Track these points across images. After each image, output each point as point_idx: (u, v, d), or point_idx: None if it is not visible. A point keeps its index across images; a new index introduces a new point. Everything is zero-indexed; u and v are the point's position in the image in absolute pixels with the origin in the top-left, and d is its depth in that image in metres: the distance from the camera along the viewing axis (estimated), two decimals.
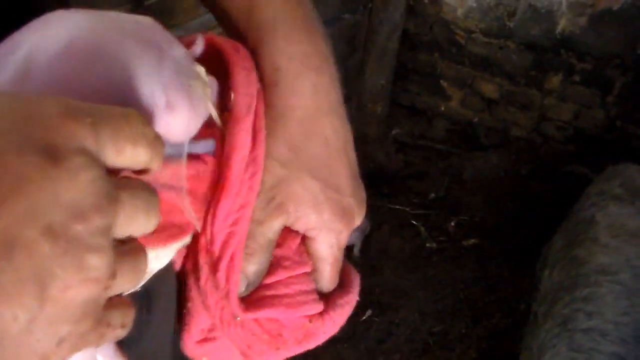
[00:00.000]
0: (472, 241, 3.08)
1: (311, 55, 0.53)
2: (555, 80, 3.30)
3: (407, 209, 3.21)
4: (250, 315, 0.54)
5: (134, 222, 0.34)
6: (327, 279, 0.57)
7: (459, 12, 3.39)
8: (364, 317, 2.69)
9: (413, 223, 3.13)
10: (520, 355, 2.13)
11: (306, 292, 0.56)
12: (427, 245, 3.04)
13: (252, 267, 0.53)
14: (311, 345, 0.57)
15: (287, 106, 0.52)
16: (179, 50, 0.45)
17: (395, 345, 2.58)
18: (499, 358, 2.54)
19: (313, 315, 0.56)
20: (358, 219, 0.56)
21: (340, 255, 0.56)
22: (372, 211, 3.14)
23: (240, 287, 0.53)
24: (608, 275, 1.99)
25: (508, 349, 2.53)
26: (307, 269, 0.57)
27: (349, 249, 2.85)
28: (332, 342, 0.57)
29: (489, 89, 3.50)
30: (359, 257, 2.91)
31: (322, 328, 0.57)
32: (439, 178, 3.44)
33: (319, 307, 0.57)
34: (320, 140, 0.53)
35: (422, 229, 3.11)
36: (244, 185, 0.50)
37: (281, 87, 0.51)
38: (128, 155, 0.34)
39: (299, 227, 0.54)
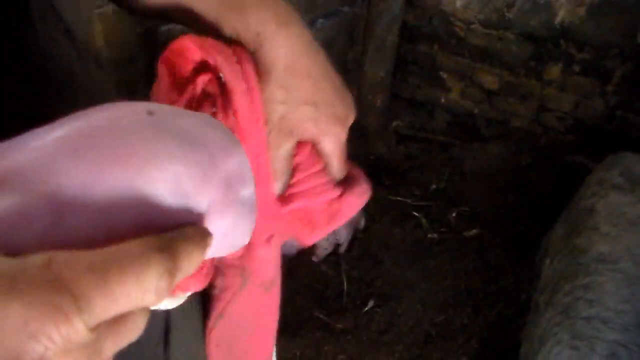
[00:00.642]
0: (473, 232, 3.08)
1: (279, 14, 0.64)
2: (554, 71, 3.30)
3: (408, 201, 3.22)
4: (287, 208, 0.69)
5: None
6: (337, 168, 0.70)
7: (458, 3, 3.39)
8: (366, 309, 2.69)
9: (414, 214, 3.14)
10: (522, 345, 2.14)
11: (322, 184, 0.70)
12: (428, 236, 3.05)
13: (281, 180, 0.68)
14: (339, 222, 0.72)
15: (272, 60, 0.63)
16: (234, 158, 0.42)
17: (397, 336, 2.59)
18: (501, 348, 2.55)
19: (333, 200, 0.71)
20: (351, 118, 0.69)
21: (343, 148, 0.69)
22: (374, 203, 3.15)
23: (276, 191, 0.68)
24: (608, 264, 2.00)
25: (510, 339, 2.54)
26: (320, 167, 0.70)
27: (336, 246, 2.87)
28: (334, 333, 0.60)
29: (489, 80, 3.51)
30: (354, 251, 2.92)
31: (343, 207, 0.71)
32: (439, 169, 3.44)
33: (336, 192, 0.71)
34: (305, 74, 0.65)
35: (423, 220, 3.11)
36: (253, 134, 0.62)
37: (265, 48, 0.63)
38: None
39: (306, 139, 0.67)
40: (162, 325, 0.69)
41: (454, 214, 3.18)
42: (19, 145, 0.35)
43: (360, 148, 3.44)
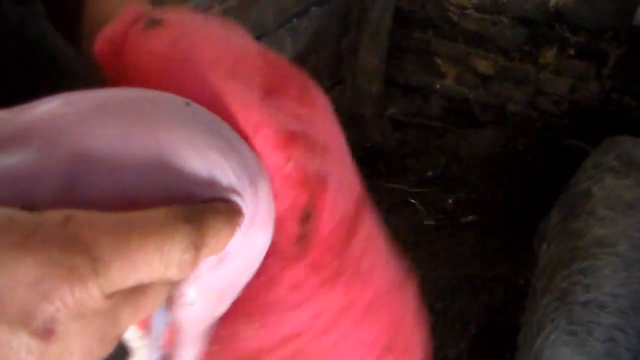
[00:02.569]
0: (470, 217, 3.09)
1: None
2: (549, 55, 3.29)
3: (405, 187, 3.22)
4: None
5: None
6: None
7: None
8: None
9: (411, 201, 3.14)
10: (520, 330, 2.14)
11: None
12: (425, 223, 3.05)
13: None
14: None
15: None
16: (244, 145, 0.40)
17: None
18: (499, 333, 2.55)
19: None
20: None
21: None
22: (370, 190, 3.14)
23: None
24: (605, 248, 2.00)
25: (508, 324, 2.54)
26: None
27: None
28: None
29: (484, 65, 3.50)
30: None
31: None
32: (435, 156, 3.44)
33: None
34: None
35: (420, 207, 3.11)
36: None
37: None
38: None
39: None
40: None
41: (450, 200, 3.18)
42: (46, 103, 0.34)
43: (356, 135, 3.43)
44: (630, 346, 1.73)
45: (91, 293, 0.27)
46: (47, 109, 0.33)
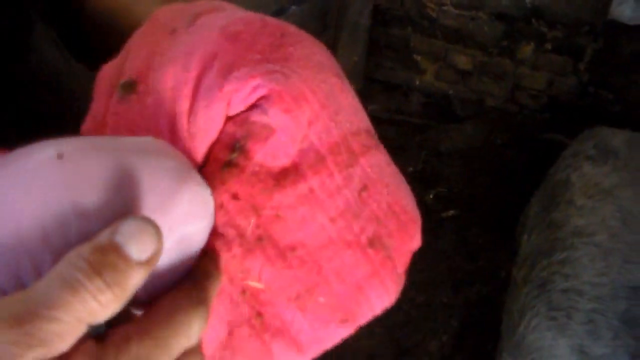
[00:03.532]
0: (451, 212, 3.11)
1: None
2: (527, 50, 3.32)
3: None
4: None
5: None
6: None
7: None
8: None
9: None
10: (503, 321, 2.17)
11: None
12: None
13: None
14: None
15: None
16: (190, 185, 0.40)
17: (378, 318, 2.60)
18: (481, 326, 2.57)
19: None
20: None
21: None
22: None
23: None
24: (584, 237, 2.02)
25: (490, 317, 2.56)
26: None
27: None
28: None
29: (463, 60, 3.52)
30: None
31: None
32: (416, 152, 3.45)
33: None
34: None
35: None
36: None
37: None
38: None
39: None
40: None
41: (431, 196, 3.20)
42: None
43: None
44: (610, 327, 1.75)
45: None
46: None
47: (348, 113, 0.51)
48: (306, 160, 0.46)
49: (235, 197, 0.45)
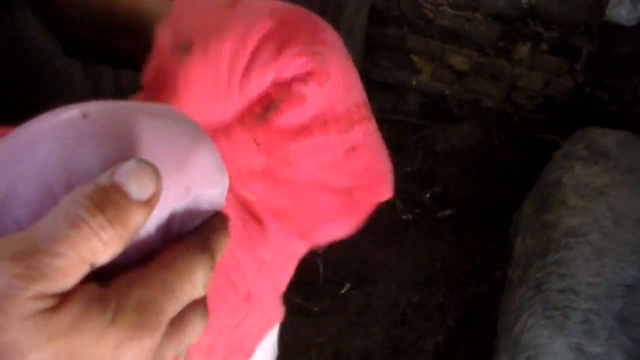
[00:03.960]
0: (447, 212, 3.11)
1: None
2: (523, 50, 3.33)
3: None
4: None
5: None
6: None
7: None
8: (343, 291, 2.71)
9: None
10: (499, 321, 2.17)
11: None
12: (403, 217, 3.07)
13: None
14: None
15: None
16: (204, 154, 0.41)
17: (374, 317, 2.62)
18: (476, 325, 2.58)
19: None
20: None
21: None
22: None
23: None
24: (578, 237, 2.03)
25: (485, 316, 2.57)
26: None
27: None
28: (311, 316, 0.63)
29: (459, 61, 3.52)
30: None
31: None
32: (412, 151, 3.46)
33: None
34: None
35: (398, 201, 3.14)
36: None
37: None
38: None
39: None
40: None
41: (427, 195, 3.20)
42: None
43: None
44: (605, 327, 1.77)
45: (156, 339, 0.34)
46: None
47: (355, 89, 0.64)
48: (316, 122, 0.59)
49: (257, 142, 0.59)
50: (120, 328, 0.32)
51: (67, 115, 0.36)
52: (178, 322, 0.36)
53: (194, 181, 0.39)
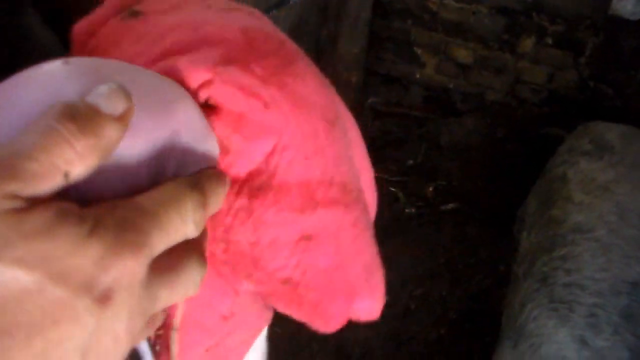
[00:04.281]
0: (450, 205, 3.11)
1: None
2: (528, 44, 3.32)
3: (386, 176, 3.24)
4: None
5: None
6: None
7: None
8: None
9: (391, 190, 3.16)
10: (503, 314, 2.17)
11: None
12: (406, 211, 3.07)
13: None
14: None
15: None
16: (188, 105, 0.43)
17: None
18: (479, 318, 2.58)
19: None
20: None
21: None
22: None
23: None
24: (584, 234, 2.03)
25: (487, 310, 2.57)
26: None
27: None
28: None
29: (463, 54, 3.52)
30: None
31: None
32: (416, 145, 3.46)
33: None
34: None
35: (401, 195, 3.14)
36: None
37: None
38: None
39: None
40: None
41: (431, 189, 3.20)
42: None
43: None
44: (610, 322, 1.77)
45: (140, 261, 0.34)
46: None
47: (325, 161, 0.52)
48: (253, 182, 0.48)
49: None
50: (99, 241, 0.33)
51: (50, 63, 0.39)
52: (171, 260, 0.37)
53: (181, 126, 0.41)
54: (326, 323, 0.56)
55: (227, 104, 0.46)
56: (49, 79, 0.37)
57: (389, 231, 2.95)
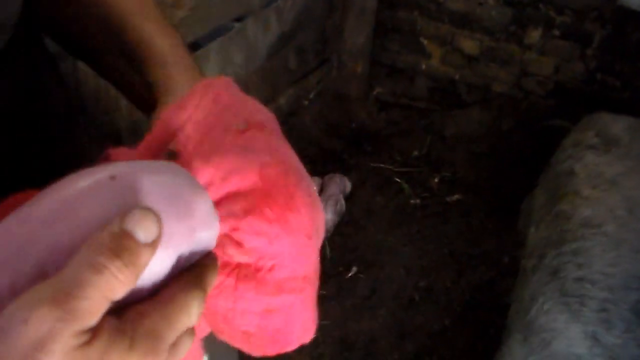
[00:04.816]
0: (455, 197, 3.11)
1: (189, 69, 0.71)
2: (534, 35, 3.31)
3: (391, 167, 3.24)
4: None
5: None
6: None
7: None
8: (350, 275, 2.72)
9: (396, 180, 3.16)
10: (511, 307, 2.17)
11: None
12: (411, 202, 3.07)
13: None
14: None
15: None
16: (203, 202, 0.49)
17: (381, 301, 2.62)
18: (483, 310, 2.58)
19: None
20: None
21: None
22: (356, 170, 3.16)
23: None
24: (593, 228, 2.02)
25: (492, 301, 2.57)
26: None
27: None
28: (318, 300, 0.65)
29: (469, 45, 3.51)
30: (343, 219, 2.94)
31: None
32: (421, 136, 3.45)
33: None
34: None
35: (406, 186, 3.13)
36: None
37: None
38: None
39: None
40: None
41: (436, 180, 3.20)
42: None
43: (342, 116, 3.44)
44: (622, 318, 1.76)
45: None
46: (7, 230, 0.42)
47: (299, 265, 0.61)
48: (241, 271, 0.58)
49: None
50: (136, 353, 0.39)
51: (99, 175, 0.44)
52: (175, 344, 0.43)
53: (197, 223, 0.47)
54: (262, 355, 0.69)
55: (244, 241, 0.56)
56: (97, 196, 0.43)
57: (394, 222, 2.95)
